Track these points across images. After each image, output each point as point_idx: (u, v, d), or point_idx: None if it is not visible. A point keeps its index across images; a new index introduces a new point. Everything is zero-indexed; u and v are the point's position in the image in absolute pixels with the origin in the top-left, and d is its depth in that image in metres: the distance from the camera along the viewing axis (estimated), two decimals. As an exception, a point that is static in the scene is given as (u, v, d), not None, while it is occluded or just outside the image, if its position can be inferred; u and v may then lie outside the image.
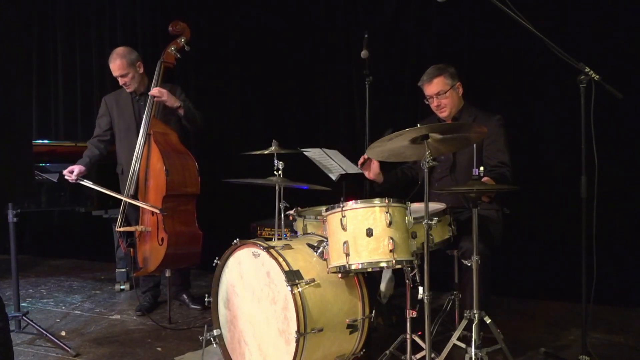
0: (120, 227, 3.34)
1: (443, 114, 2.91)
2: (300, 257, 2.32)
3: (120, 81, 3.49)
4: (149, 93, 3.37)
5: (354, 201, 2.23)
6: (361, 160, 2.93)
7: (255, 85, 4.60)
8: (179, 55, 3.51)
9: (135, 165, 3.32)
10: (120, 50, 3.49)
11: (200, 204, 3.44)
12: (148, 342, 3.08)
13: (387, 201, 2.19)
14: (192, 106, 3.54)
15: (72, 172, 3.42)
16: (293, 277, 2.19)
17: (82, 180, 3.44)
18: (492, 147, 2.83)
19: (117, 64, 3.43)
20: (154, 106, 3.37)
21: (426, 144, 2.16)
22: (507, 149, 2.84)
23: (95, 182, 3.46)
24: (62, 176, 3.68)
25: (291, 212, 2.73)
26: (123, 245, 3.42)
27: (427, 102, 2.96)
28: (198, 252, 3.37)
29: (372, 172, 2.97)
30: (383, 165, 3.02)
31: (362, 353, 2.43)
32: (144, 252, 3.35)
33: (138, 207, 3.35)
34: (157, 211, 3.21)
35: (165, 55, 3.48)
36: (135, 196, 3.34)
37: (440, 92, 2.85)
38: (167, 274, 3.40)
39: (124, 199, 3.32)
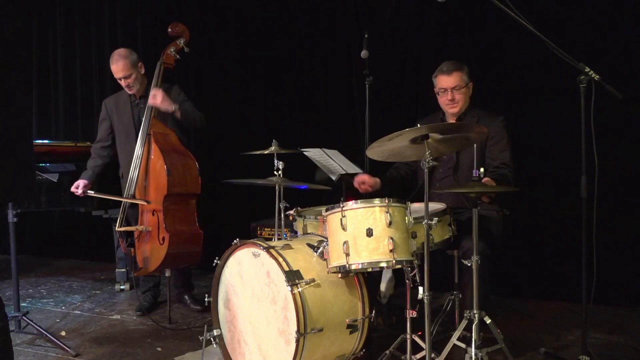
0: (120, 227, 3.34)
1: (454, 109, 2.89)
2: (300, 257, 2.32)
3: (123, 83, 3.45)
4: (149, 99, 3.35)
5: (354, 201, 2.23)
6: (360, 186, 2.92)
7: (255, 85, 4.59)
8: (178, 57, 3.50)
9: (135, 165, 3.32)
10: (122, 51, 3.46)
11: (200, 204, 3.44)
12: (148, 342, 3.08)
13: (387, 201, 2.20)
14: (191, 106, 3.51)
15: (78, 187, 3.43)
16: (293, 277, 2.19)
17: (89, 192, 3.46)
18: (495, 148, 2.85)
19: (121, 65, 3.39)
20: (152, 109, 3.36)
21: (426, 144, 2.16)
22: (509, 150, 2.85)
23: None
24: (62, 176, 3.69)
25: (291, 212, 2.73)
26: (123, 245, 3.43)
27: (437, 94, 2.93)
28: (199, 252, 3.37)
29: (368, 185, 2.93)
30: (374, 170, 2.99)
31: (362, 353, 2.43)
32: (144, 252, 3.35)
33: (138, 207, 3.35)
34: (144, 202, 3.23)
35: (164, 57, 3.47)
36: (134, 196, 3.34)
37: (457, 86, 2.85)
38: (167, 273, 3.40)
39: (129, 201, 3.31)
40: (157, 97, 3.31)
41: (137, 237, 3.38)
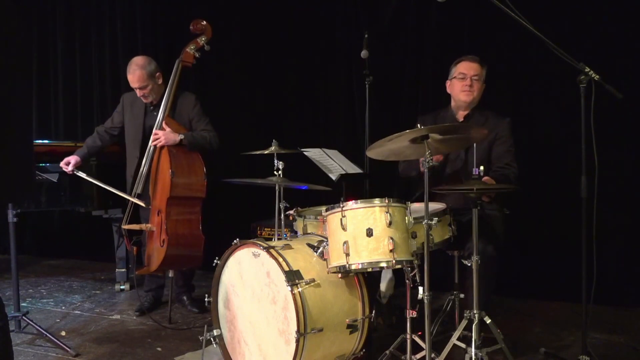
0: (125, 224, 3.34)
1: (468, 97, 2.89)
2: (300, 257, 2.32)
3: (139, 93, 3.35)
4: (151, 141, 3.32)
5: (354, 201, 2.23)
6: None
7: (255, 85, 4.59)
8: (197, 55, 3.45)
9: (145, 164, 3.32)
10: (139, 60, 3.32)
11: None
12: (148, 342, 3.08)
13: (387, 201, 2.20)
14: (203, 127, 3.42)
15: (69, 163, 3.42)
16: (293, 277, 2.19)
17: (78, 172, 3.43)
18: (501, 148, 2.87)
19: (137, 75, 3.28)
20: (167, 108, 3.35)
21: (426, 144, 2.16)
22: (514, 150, 2.87)
23: (97, 179, 3.47)
24: (62, 176, 3.68)
25: (291, 212, 2.73)
26: (128, 243, 3.42)
27: (451, 80, 2.93)
28: (199, 256, 3.35)
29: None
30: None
31: (362, 353, 2.43)
32: (149, 250, 3.37)
33: (149, 206, 3.35)
34: (142, 204, 3.24)
35: (184, 55, 3.41)
36: (142, 195, 3.33)
37: (477, 75, 2.88)
38: (170, 274, 3.40)
39: (118, 193, 3.33)
40: (160, 139, 3.26)
41: (148, 235, 3.38)
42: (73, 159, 3.43)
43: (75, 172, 3.42)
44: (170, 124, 3.32)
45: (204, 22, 3.48)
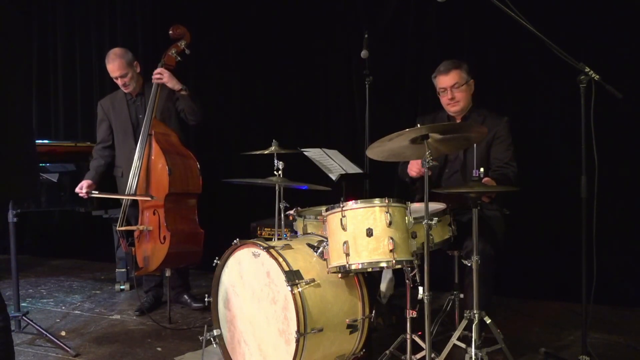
0: (121, 226, 3.35)
1: (455, 107, 2.89)
2: (300, 257, 2.32)
3: (120, 82, 3.48)
4: (152, 77, 3.38)
5: (354, 201, 2.23)
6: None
7: (255, 85, 4.60)
8: (179, 58, 3.51)
9: (136, 165, 3.33)
10: (117, 50, 3.50)
11: (200, 203, 3.45)
12: (148, 342, 3.08)
13: (387, 201, 2.19)
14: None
15: (82, 188, 3.42)
16: (293, 277, 2.19)
17: (93, 193, 3.44)
18: (499, 148, 2.86)
19: (117, 64, 3.43)
20: (155, 105, 3.36)
21: (426, 144, 2.16)
22: (513, 149, 2.87)
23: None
24: (62, 176, 3.69)
25: (291, 212, 2.73)
26: (124, 245, 3.43)
27: (439, 95, 2.93)
28: (199, 251, 3.37)
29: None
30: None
31: (362, 353, 2.43)
32: (144, 252, 3.35)
33: (138, 206, 3.35)
34: (148, 198, 3.24)
35: (165, 58, 3.49)
36: (134, 193, 3.34)
37: (456, 84, 2.84)
38: (167, 273, 3.40)
39: (133, 198, 3.31)
40: (163, 75, 3.35)
41: (137, 236, 3.38)
42: (85, 183, 3.43)
43: (90, 195, 3.45)
44: (157, 125, 3.35)
45: (183, 27, 3.56)
